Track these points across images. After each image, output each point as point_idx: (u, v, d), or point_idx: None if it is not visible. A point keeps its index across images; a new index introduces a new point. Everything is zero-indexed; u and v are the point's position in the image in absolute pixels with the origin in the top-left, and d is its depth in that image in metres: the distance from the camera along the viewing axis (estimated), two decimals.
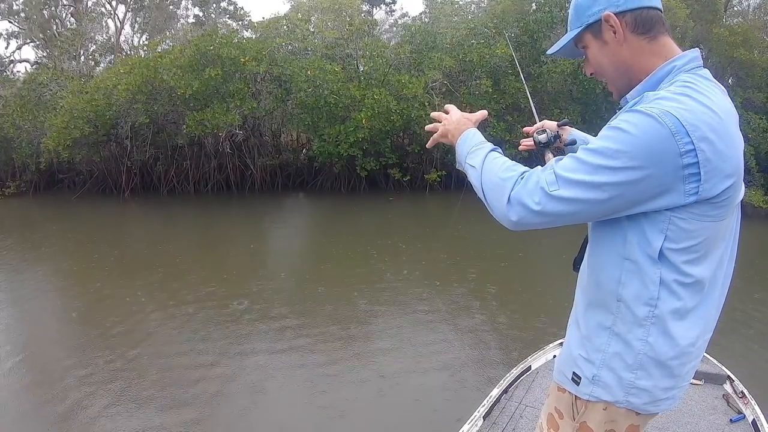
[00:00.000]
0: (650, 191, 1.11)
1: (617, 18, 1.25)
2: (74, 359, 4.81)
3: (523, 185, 1.20)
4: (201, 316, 5.84)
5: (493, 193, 1.26)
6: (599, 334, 1.29)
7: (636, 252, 1.19)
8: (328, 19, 16.16)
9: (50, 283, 7.44)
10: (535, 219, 1.19)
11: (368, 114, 13.26)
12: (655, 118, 1.08)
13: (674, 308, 1.21)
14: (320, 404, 4.12)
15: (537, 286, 7.27)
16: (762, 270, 8.54)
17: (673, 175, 1.09)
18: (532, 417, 2.84)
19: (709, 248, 1.20)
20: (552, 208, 1.16)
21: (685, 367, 1.28)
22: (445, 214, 13.30)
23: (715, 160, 1.09)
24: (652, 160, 1.09)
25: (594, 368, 1.30)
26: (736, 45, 14.74)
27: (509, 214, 1.21)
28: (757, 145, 14.65)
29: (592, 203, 1.14)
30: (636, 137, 1.09)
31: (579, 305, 1.39)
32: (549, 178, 1.17)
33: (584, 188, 1.13)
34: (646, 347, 1.23)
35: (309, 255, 9.55)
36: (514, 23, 15.86)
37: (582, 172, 1.14)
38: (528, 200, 1.18)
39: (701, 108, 1.11)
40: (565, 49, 1.39)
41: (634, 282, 1.21)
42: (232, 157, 14.77)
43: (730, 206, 1.17)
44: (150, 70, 13.21)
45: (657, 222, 1.16)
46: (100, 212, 13.09)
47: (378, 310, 6.17)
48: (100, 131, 14.00)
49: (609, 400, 1.29)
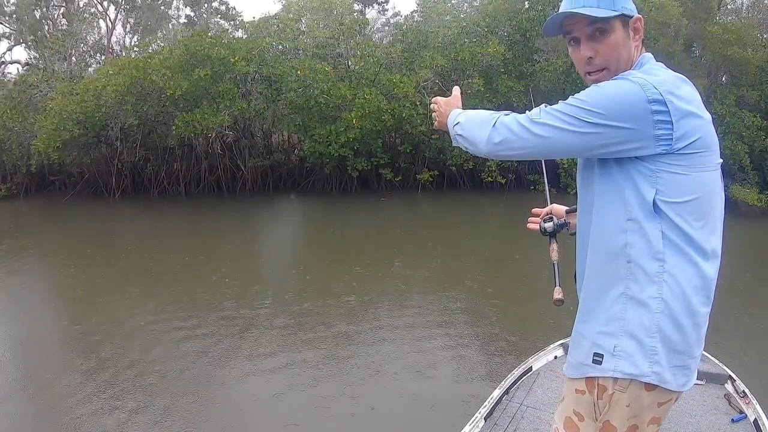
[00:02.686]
0: (624, 134, 1.28)
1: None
2: (61, 361, 4.79)
3: (511, 115, 1.39)
4: (193, 317, 5.79)
5: (478, 126, 1.44)
6: (614, 303, 1.36)
7: (635, 210, 1.32)
8: (319, 18, 16.07)
9: (39, 287, 7.39)
10: (516, 138, 1.36)
11: (359, 114, 13.18)
12: (626, 79, 1.31)
13: (681, 262, 1.31)
14: (317, 406, 4.08)
15: (536, 285, 7.19)
16: (762, 269, 8.49)
17: (643, 120, 1.26)
18: (533, 418, 2.84)
19: (703, 213, 1.33)
20: (535, 129, 1.34)
21: (696, 331, 1.34)
22: (438, 214, 13.23)
23: (684, 110, 1.27)
24: (623, 108, 1.28)
25: (614, 339, 1.35)
26: (729, 43, 14.65)
27: (493, 137, 1.37)
28: (751, 143, 14.59)
29: (569, 135, 1.32)
30: (609, 91, 1.31)
31: (589, 294, 1.45)
32: (534, 111, 1.37)
33: (566, 120, 1.32)
34: (662, 305, 1.30)
35: (300, 256, 9.47)
36: (506, 22, 15.81)
37: (565, 110, 1.33)
38: (513, 124, 1.36)
39: (667, 75, 1.35)
40: (555, 24, 1.47)
41: (639, 240, 1.32)
42: (222, 158, 14.70)
43: (707, 161, 1.32)
44: (139, 71, 13.11)
45: (646, 176, 1.30)
46: (90, 215, 13.01)
47: (372, 310, 6.11)
48: (89, 133, 13.91)
49: (635, 373, 1.32)
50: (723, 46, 14.74)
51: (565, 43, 1.51)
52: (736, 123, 14.50)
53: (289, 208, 14.57)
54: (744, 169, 14.18)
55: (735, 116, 14.58)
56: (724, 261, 1.43)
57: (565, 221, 1.81)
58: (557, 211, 1.89)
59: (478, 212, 13.60)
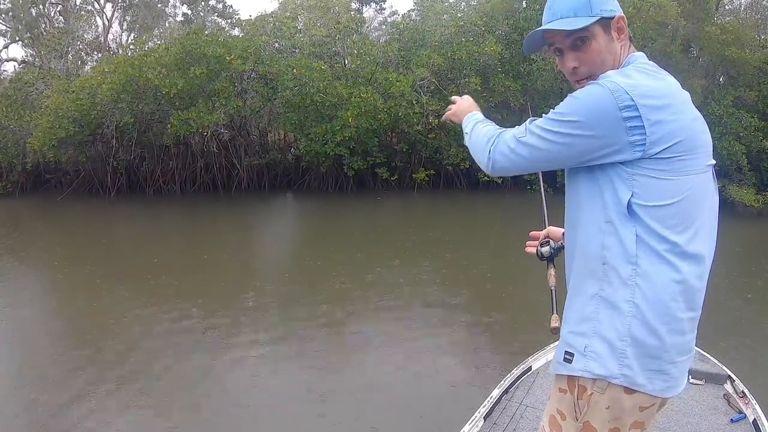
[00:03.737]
0: (598, 142, 1.29)
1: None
2: (56, 357, 4.81)
3: (501, 137, 1.44)
4: (188, 318, 5.79)
5: (479, 150, 1.50)
6: (587, 303, 1.37)
7: (612, 212, 1.32)
8: (315, 17, 16.02)
9: (34, 286, 7.38)
10: (508, 161, 1.41)
11: (355, 113, 13.13)
12: (598, 85, 1.30)
13: (657, 267, 1.29)
14: (316, 408, 4.06)
15: (533, 284, 7.15)
16: (761, 268, 8.47)
17: (615, 127, 1.26)
18: (532, 417, 2.85)
19: (685, 217, 1.30)
20: (521, 151, 1.38)
21: (673, 337, 1.32)
22: (434, 214, 13.20)
23: (659, 115, 1.26)
24: (595, 116, 1.28)
25: (585, 339, 1.35)
26: (727, 43, 14.60)
27: (489, 164, 1.44)
28: (748, 143, 14.54)
29: (551, 149, 1.35)
30: (582, 99, 1.31)
31: (570, 293, 1.46)
32: (520, 129, 1.41)
33: (545, 137, 1.35)
34: (634, 309, 1.30)
35: (296, 256, 9.44)
36: (503, 21, 15.77)
37: (544, 125, 1.35)
38: (503, 147, 1.41)
39: (643, 76, 1.32)
40: (535, 41, 1.50)
41: (614, 243, 1.32)
42: (218, 156, 14.65)
43: (687, 167, 1.30)
44: (134, 69, 13.06)
45: (624, 179, 1.30)
46: (86, 213, 12.95)
47: (367, 310, 6.11)
48: (85, 131, 13.84)
49: (603, 374, 1.32)
50: (721, 47, 14.69)
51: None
52: (734, 123, 14.45)
53: (284, 207, 14.53)
54: (741, 169, 14.14)
55: (732, 117, 14.53)
56: (721, 261, 1.41)
57: (562, 244, 1.78)
58: (554, 233, 1.88)
59: (474, 211, 13.57)
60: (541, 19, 1.51)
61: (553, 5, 1.44)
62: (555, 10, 1.42)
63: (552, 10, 1.43)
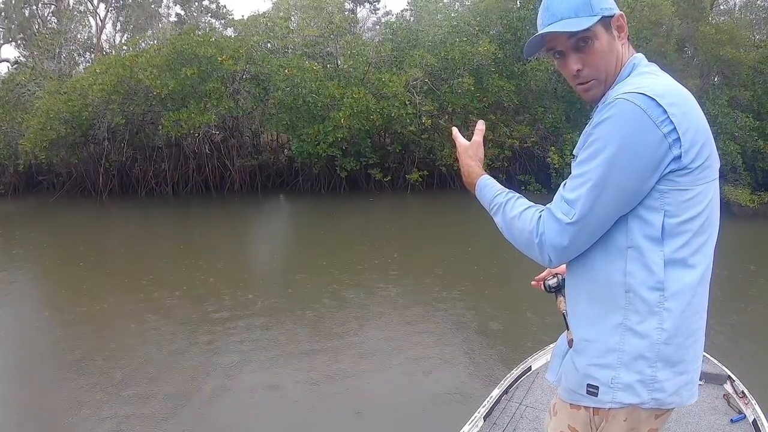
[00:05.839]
0: (649, 165, 1.19)
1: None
2: (47, 357, 4.79)
3: (546, 228, 1.27)
4: (181, 319, 5.74)
5: (524, 245, 1.34)
6: (611, 333, 1.28)
7: (638, 237, 1.23)
8: (308, 17, 15.95)
9: (26, 287, 7.33)
10: (570, 251, 1.28)
11: (347, 113, 13.07)
12: (627, 101, 1.19)
13: (682, 287, 1.23)
14: (316, 407, 4.04)
15: (530, 284, 7.12)
16: (760, 268, 8.45)
17: (659, 144, 1.18)
18: (532, 418, 2.86)
19: (706, 225, 1.26)
20: (579, 232, 1.25)
21: (695, 347, 1.30)
22: (428, 215, 13.15)
23: (687, 122, 1.19)
24: (636, 140, 1.18)
25: (611, 371, 1.28)
26: (722, 43, 14.58)
27: (546, 258, 1.29)
28: (743, 143, 14.51)
29: (609, 201, 1.22)
30: (616, 125, 1.20)
31: (577, 313, 1.37)
32: (563, 209, 1.25)
33: (594, 192, 1.21)
34: (663, 335, 1.24)
35: (289, 258, 9.39)
36: (497, 21, 15.72)
37: (586, 180, 1.22)
38: (557, 240, 1.26)
39: (662, 81, 1.27)
40: (536, 44, 1.39)
41: (638, 268, 1.24)
42: (210, 157, 14.57)
43: (709, 175, 1.25)
44: (126, 69, 12.99)
45: (654, 199, 1.21)
46: (78, 215, 12.88)
47: (363, 312, 6.05)
48: (77, 132, 13.78)
49: (634, 403, 1.28)
50: (715, 46, 14.67)
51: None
52: (729, 123, 14.42)
53: (277, 208, 14.47)
54: (736, 169, 14.11)
55: (727, 116, 14.50)
56: (718, 262, 1.38)
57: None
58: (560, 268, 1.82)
59: (468, 212, 13.49)
60: (535, 19, 1.42)
61: (551, 6, 1.36)
62: (554, 12, 1.35)
63: (550, 12, 1.35)
